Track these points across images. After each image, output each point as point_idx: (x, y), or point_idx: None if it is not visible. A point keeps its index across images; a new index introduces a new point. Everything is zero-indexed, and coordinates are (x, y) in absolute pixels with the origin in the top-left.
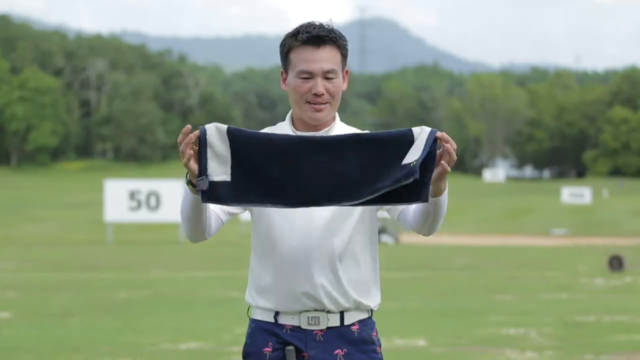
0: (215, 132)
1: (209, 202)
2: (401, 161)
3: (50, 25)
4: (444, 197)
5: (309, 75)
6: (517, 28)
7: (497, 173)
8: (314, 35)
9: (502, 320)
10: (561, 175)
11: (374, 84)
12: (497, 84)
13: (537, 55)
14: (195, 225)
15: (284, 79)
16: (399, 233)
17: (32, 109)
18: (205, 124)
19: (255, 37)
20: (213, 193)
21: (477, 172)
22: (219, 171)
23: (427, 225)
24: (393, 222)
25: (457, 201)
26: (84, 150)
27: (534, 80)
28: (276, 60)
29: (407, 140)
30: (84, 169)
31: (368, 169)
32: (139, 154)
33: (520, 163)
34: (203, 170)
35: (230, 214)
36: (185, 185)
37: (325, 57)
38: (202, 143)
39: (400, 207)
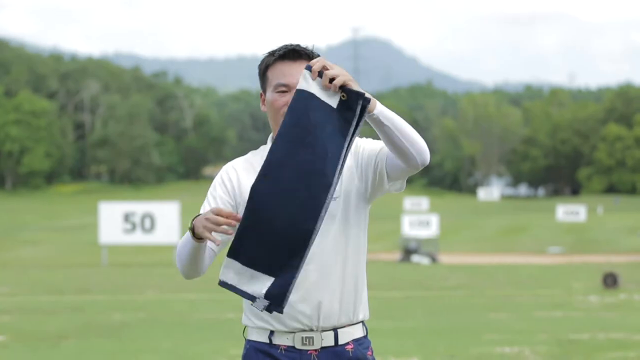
0: None
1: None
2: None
3: (44, 48)
4: (381, 107)
5: (286, 89)
6: (510, 47)
7: (491, 192)
8: (290, 50)
9: (497, 338)
10: (556, 193)
11: None
12: (491, 103)
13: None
14: (193, 266)
15: (263, 100)
16: (436, 252)
17: (27, 132)
18: (200, 145)
19: (249, 58)
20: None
21: (472, 191)
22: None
23: (404, 147)
24: (428, 241)
25: (452, 220)
26: (79, 173)
27: (528, 98)
28: None
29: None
30: (79, 191)
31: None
32: (133, 176)
33: (515, 181)
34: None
35: (224, 243)
36: (188, 231)
37: (301, 71)
38: None
39: (381, 158)
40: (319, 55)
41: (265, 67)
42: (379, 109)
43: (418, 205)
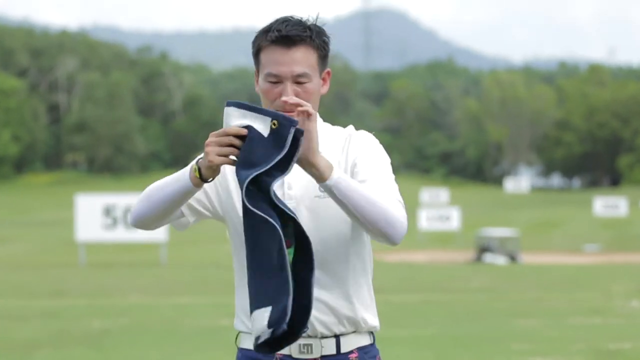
0: None
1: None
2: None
3: (12, 20)
4: (338, 177)
5: (277, 79)
6: (540, 18)
7: (520, 182)
8: (283, 35)
9: (526, 348)
10: (593, 184)
11: (380, 83)
12: (519, 82)
13: (564, 49)
14: (163, 212)
15: (257, 80)
16: (517, 250)
17: None
18: (190, 130)
19: (245, 31)
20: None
21: (498, 181)
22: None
23: (363, 225)
24: (507, 239)
25: (475, 214)
26: (53, 161)
27: (561, 77)
28: None
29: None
30: (53, 182)
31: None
32: (114, 164)
33: (547, 171)
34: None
35: (195, 213)
36: (190, 170)
37: (296, 59)
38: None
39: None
40: (325, 38)
41: (257, 48)
42: (334, 178)
43: (437, 197)
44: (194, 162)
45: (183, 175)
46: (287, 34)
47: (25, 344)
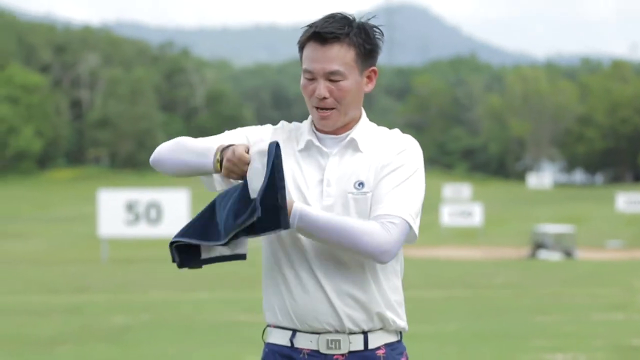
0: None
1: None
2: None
3: (34, 15)
4: (300, 212)
5: (312, 76)
6: (562, 14)
7: (543, 178)
8: (317, 32)
9: (548, 344)
10: (616, 179)
11: (403, 79)
12: (542, 78)
13: (587, 44)
14: (182, 173)
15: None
16: (573, 246)
17: (16, 109)
18: (212, 125)
19: (266, 27)
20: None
21: (521, 177)
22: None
23: (347, 252)
24: (562, 235)
25: (497, 210)
26: (75, 157)
27: (585, 73)
28: (291, 53)
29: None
30: (75, 177)
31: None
32: (137, 160)
33: (570, 166)
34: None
35: (222, 186)
36: (214, 156)
37: (330, 57)
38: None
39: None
40: (366, 37)
41: (301, 43)
42: (296, 213)
43: (459, 193)
44: (219, 149)
45: (208, 154)
46: (321, 30)
47: (48, 340)
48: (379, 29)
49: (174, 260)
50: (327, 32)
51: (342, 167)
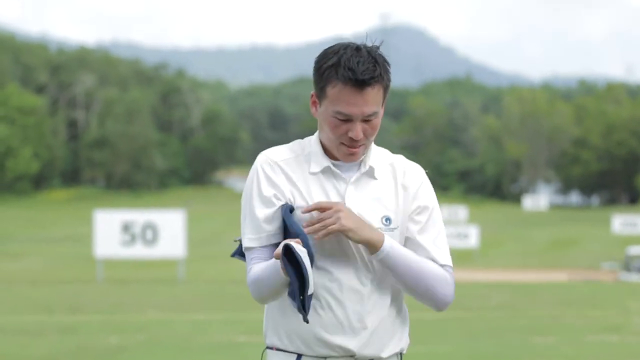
0: None
1: None
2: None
3: (30, 35)
4: (390, 247)
5: (347, 118)
6: (557, 36)
7: (538, 200)
8: (358, 79)
9: None
10: (612, 201)
11: (398, 100)
12: (539, 99)
13: (582, 67)
14: (277, 294)
15: (314, 103)
16: None
17: (12, 130)
18: (208, 146)
19: (263, 48)
20: None
21: (516, 199)
22: None
23: (415, 295)
24: None
25: (493, 232)
26: (71, 177)
27: (581, 94)
28: (287, 74)
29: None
30: (71, 198)
31: None
32: (133, 180)
33: (565, 188)
34: None
35: None
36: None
37: (368, 100)
38: None
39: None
40: (388, 71)
41: (326, 80)
42: (385, 250)
43: (455, 215)
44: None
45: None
46: (362, 77)
47: None
48: (387, 59)
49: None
50: (366, 78)
51: (363, 196)
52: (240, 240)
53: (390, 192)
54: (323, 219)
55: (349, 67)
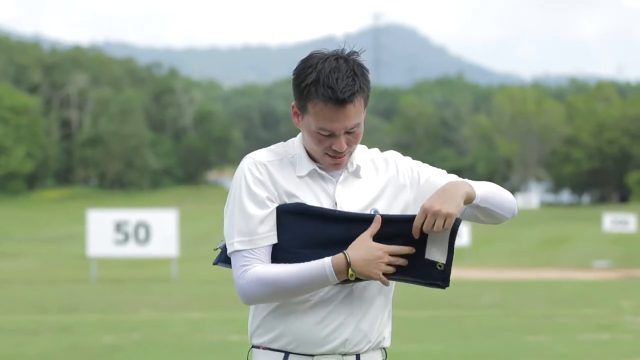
0: None
1: None
2: (422, 254)
3: (23, 35)
4: (478, 195)
5: (330, 134)
6: (549, 35)
7: (530, 198)
8: (339, 98)
9: None
10: (602, 200)
11: (390, 99)
12: (530, 98)
13: (573, 66)
14: (289, 299)
15: (296, 114)
16: None
17: (6, 130)
18: (201, 146)
19: (256, 47)
20: None
21: None
22: None
23: (498, 217)
24: None
25: (484, 230)
26: (64, 177)
27: (572, 93)
28: (280, 73)
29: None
30: (64, 197)
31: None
32: (126, 180)
33: (557, 187)
34: None
35: None
36: (337, 271)
37: (349, 115)
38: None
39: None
40: (368, 80)
41: (306, 96)
42: (478, 195)
43: None
44: (338, 263)
45: (322, 275)
46: (342, 97)
47: (36, 359)
48: (364, 66)
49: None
50: (346, 96)
51: (352, 194)
52: (221, 248)
53: (377, 185)
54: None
55: (329, 86)
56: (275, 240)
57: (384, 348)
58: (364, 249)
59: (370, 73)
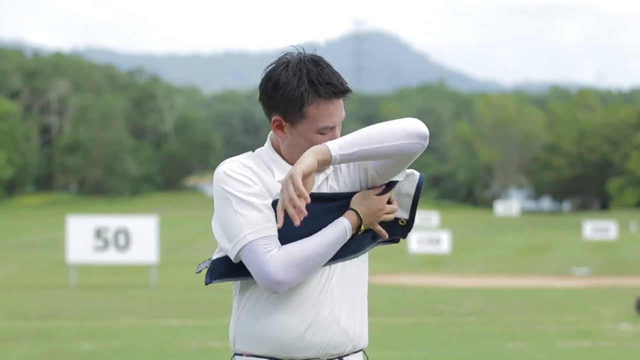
0: None
1: None
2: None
3: (4, 41)
4: (337, 148)
5: (329, 130)
6: (530, 42)
7: (510, 205)
8: (340, 90)
9: None
10: (583, 207)
11: (371, 106)
12: (510, 105)
13: (554, 73)
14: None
15: (279, 126)
16: None
17: None
18: (181, 152)
19: (237, 53)
20: None
21: (488, 204)
22: None
23: (399, 156)
24: None
25: (465, 238)
26: (44, 183)
27: (553, 101)
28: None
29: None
30: (44, 204)
31: None
32: (106, 186)
33: (537, 194)
34: None
35: None
36: (354, 227)
37: (341, 105)
38: None
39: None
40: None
41: (304, 102)
42: (334, 154)
43: (427, 221)
44: (352, 220)
45: (342, 235)
46: (342, 88)
47: None
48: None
49: None
50: (346, 86)
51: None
52: (207, 266)
53: (355, 179)
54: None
55: (327, 82)
56: (276, 233)
57: (363, 350)
58: (367, 202)
59: (352, 79)
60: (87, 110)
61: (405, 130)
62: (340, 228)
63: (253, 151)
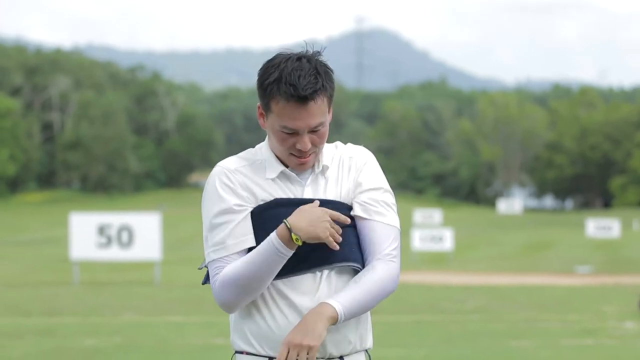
0: None
1: None
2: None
3: (5, 38)
4: (342, 314)
5: (294, 132)
6: (532, 40)
7: (513, 203)
8: (301, 95)
9: None
10: (585, 205)
11: (372, 103)
12: (512, 103)
13: (556, 71)
14: (261, 288)
15: (261, 115)
16: None
17: None
18: (183, 149)
19: (238, 51)
20: None
21: (491, 202)
22: None
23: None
24: None
25: (468, 235)
26: (47, 180)
27: (555, 99)
28: None
29: None
30: (47, 200)
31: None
32: (108, 183)
33: (539, 192)
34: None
35: None
36: (283, 241)
37: (313, 113)
38: None
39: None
40: (332, 80)
41: (269, 95)
42: (342, 314)
43: (430, 218)
44: (281, 235)
45: (273, 251)
46: (304, 94)
47: None
48: (328, 66)
49: None
50: (308, 93)
51: (318, 195)
52: (206, 266)
53: (344, 183)
54: (295, 354)
55: (290, 83)
56: (252, 244)
57: (366, 350)
58: (304, 211)
59: (353, 77)
60: (89, 107)
61: (390, 290)
62: (267, 242)
63: (254, 147)
